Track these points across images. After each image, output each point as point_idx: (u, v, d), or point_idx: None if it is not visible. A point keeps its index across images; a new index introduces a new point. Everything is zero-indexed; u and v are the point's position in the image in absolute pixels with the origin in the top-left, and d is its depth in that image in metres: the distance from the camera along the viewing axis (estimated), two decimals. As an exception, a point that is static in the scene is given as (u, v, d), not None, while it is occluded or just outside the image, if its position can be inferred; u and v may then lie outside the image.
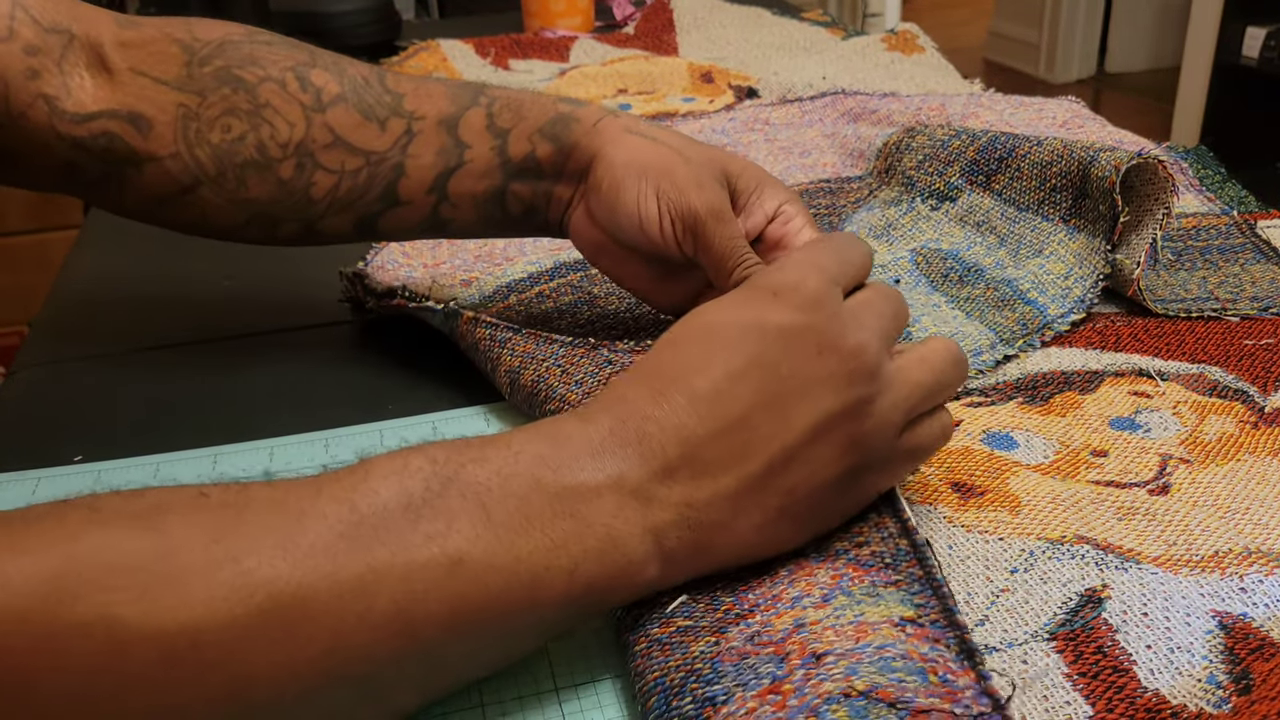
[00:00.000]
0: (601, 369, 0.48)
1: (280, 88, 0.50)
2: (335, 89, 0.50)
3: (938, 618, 0.33)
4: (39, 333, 0.65)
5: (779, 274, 0.37)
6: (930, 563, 0.35)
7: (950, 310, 0.57)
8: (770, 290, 0.36)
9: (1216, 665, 0.34)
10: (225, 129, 0.49)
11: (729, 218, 0.48)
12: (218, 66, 0.50)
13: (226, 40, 0.50)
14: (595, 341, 0.50)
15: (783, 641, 0.32)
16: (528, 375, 0.49)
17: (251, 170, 0.50)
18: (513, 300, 0.61)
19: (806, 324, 0.35)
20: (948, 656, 0.31)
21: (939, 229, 0.65)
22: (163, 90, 0.49)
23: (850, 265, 0.39)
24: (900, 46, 1.14)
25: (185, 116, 0.49)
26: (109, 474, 0.48)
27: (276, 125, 0.50)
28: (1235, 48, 2.75)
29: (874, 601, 0.34)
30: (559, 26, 1.29)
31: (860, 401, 0.35)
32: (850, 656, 0.31)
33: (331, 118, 0.50)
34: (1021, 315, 0.56)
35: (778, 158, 0.82)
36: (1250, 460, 0.45)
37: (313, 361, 0.60)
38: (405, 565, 0.30)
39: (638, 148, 0.49)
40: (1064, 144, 0.61)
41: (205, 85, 0.49)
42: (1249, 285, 0.60)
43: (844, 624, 0.32)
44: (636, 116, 0.52)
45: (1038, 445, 0.47)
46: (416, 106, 0.51)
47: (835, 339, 0.35)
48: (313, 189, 0.51)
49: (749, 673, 0.31)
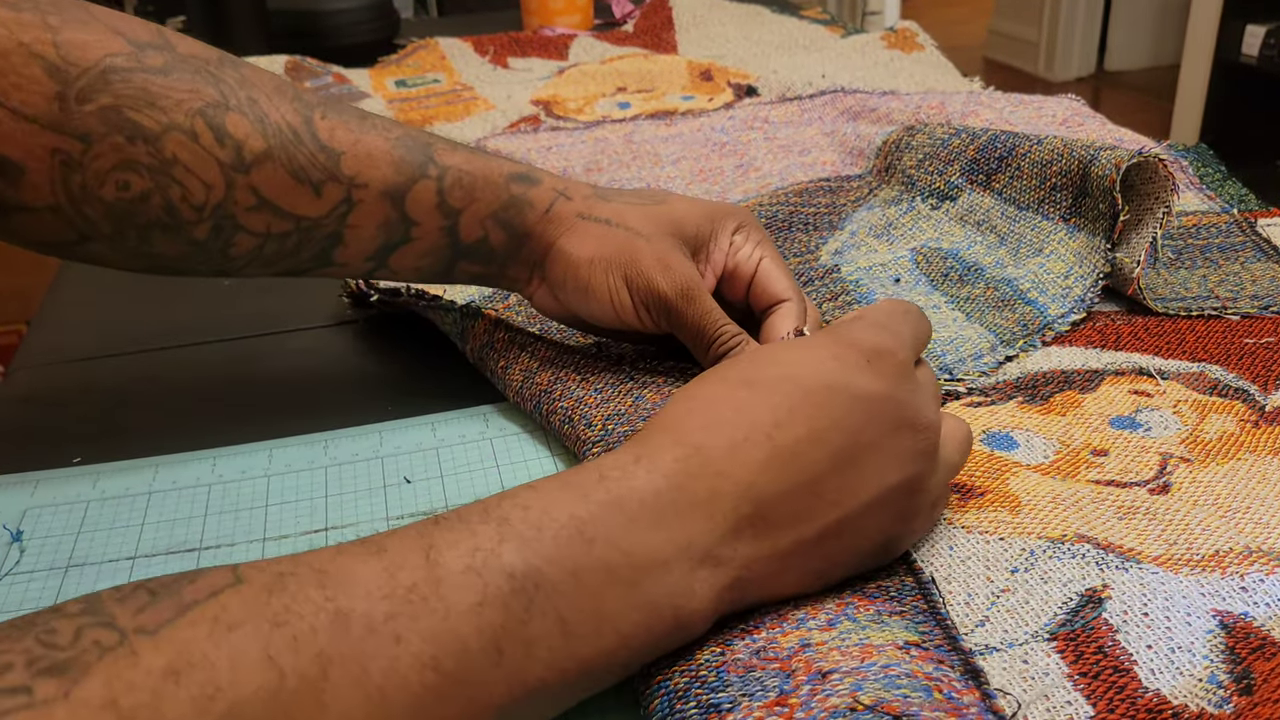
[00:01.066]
0: (622, 383, 0.49)
1: (190, 139, 0.42)
2: (259, 144, 0.43)
3: (942, 643, 0.33)
4: (38, 332, 0.65)
5: (871, 335, 0.36)
6: (935, 599, 0.35)
7: (950, 311, 0.57)
8: (863, 353, 0.35)
9: (1217, 665, 0.34)
10: (121, 186, 0.41)
11: (698, 293, 0.47)
12: (103, 105, 0.40)
13: (109, 68, 0.40)
14: (618, 354, 0.51)
15: (789, 659, 0.32)
16: (545, 375, 0.50)
17: (158, 230, 0.43)
18: (513, 300, 0.61)
19: (892, 396, 0.35)
20: (952, 676, 0.31)
21: (939, 228, 0.65)
22: (30, 129, 0.39)
23: (921, 340, 0.39)
24: (900, 44, 1.13)
25: (65, 165, 0.40)
26: (108, 476, 0.48)
27: (189, 186, 0.42)
28: (1235, 46, 2.74)
29: (879, 627, 0.34)
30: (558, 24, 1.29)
31: (919, 477, 0.35)
32: (856, 674, 0.31)
33: (257, 179, 0.43)
34: (1022, 316, 0.56)
35: (777, 156, 0.82)
36: (1251, 459, 0.45)
37: (312, 363, 0.60)
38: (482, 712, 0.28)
39: (596, 238, 0.48)
40: (1064, 143, 0.61)
41: (89, 129, 0.40)
42: (1249, 284, 0.60)
43: (849, 645, 0.32)
44: (589, 189, 0.50)
45: (1038, 445, 0.46)
46: (357, 171, 0.45)
47: (913, 416, 0.35)
48: (232, 249, 0.45)
49: (755, 684, 0.31)
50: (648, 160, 0.82)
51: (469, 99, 1.05)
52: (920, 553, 0.39)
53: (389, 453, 0.50)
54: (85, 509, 0.46)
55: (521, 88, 1.08)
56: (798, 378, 0.34)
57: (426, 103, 1.05)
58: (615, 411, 0.47)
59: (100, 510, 0.46)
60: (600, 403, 0.47)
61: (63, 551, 0.43)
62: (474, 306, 0.54)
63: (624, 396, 0.48)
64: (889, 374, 0.35)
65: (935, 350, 0.53)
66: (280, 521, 0.45)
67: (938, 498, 0.38)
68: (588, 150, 0.85)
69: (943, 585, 0.37)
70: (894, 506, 0.35)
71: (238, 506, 0.46)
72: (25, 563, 0.43)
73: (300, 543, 0.43)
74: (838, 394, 0.34)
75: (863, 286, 0.60)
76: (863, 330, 0.37)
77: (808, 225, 0.69)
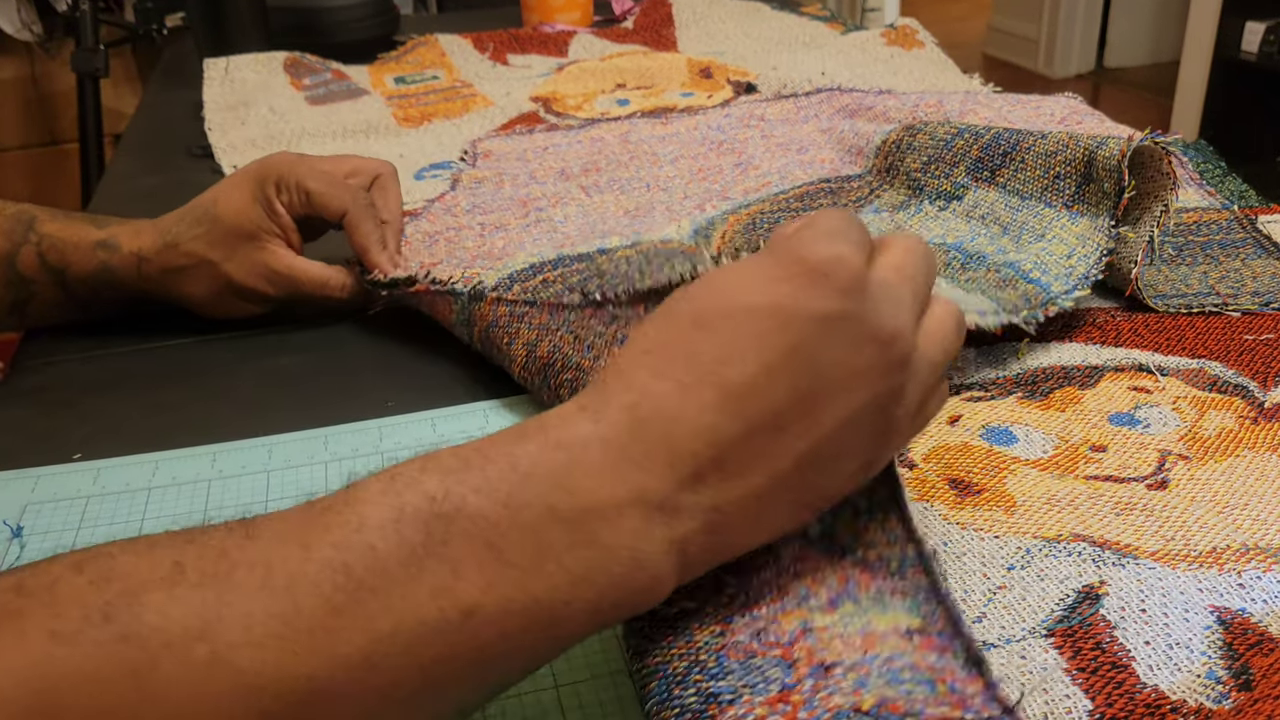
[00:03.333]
0: (608, 326, 0.48)
1: None
2: None
3: (944, 627, 0.33)
4: (38, 329, 0.65)
5: (822, 245, 0.33)
6: (936, 573, 0.35)
7: (951, 291, 0.57)
8: (808, 268, 0.32)
9: (1215, 661, 0.34)
10: None
11: (284, 278, 0.61)
12: None
13: None
14: (602, 298, 0.50)
15: (790, 645, 0.32)
16: (544, 346, 0.50)
17: None
18: (516, 290, 0.61)
19: (847, 312, 0.32)
20: (955, 665, 0.31)
21: (945, 226, 0.65)
22: None
23: (867, 230, 0.36)
24: (900, 41, 1.13)
25: None
26: (108, 472, 0.48)
27: None
28: (1235, 42, 2.74)
29: (880, 610, 0.33)
30: (558, 21, 1.29)
31: (891, 392, 0.33)
32: (858, 669, 0.30)
33: None
34: (1025, 292, 0.55)
35: (775, 154, 0.82)
36: (1249, 456, 0.45)
37: (312, 359, 0.60)
38: (413, 630, 0.27)
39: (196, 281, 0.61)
40: (1070, 135, 0.61)
41: None
42: (1249, 280, 0.60)
43: (851, 633, 0.32)
44: (157, 239, 0.61)
45: (1037, 440, 0.46)
46: None
47: (875, 329, 0.32)
48: None
49: (756, 674, 0.31)
50: (646, 160, 0.82)
51: (468, 95, 1.05)
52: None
53: (389, 448, 0.50)
54: (85, 504, 0.46)
55: (521, 84, 1.08)
56: (744, 307, 0.32)
57: (425, 99, 1.05)
58: None
59: (100, 505, 0.46)
60: (593, 361, 0.47)
61: (63, 547, 0.43)
62: (480, 288, 0.54)
63: (612, 345, 0.47)
64: (843, 287, 0.32)
65: None
66: (280, 517, 0.45)
67: (923, 402, 0.36)
68: (584, 151, 0.85)
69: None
70: (868, 426, 0.33)
71: (238, 502, 0.46)
72: (26, 558, 0.43)
73: (300, 539, 0.44)
74: (788, 319, 0.32)
75: None
76: (812, 241, 0.33)
77: None
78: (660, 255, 0.52)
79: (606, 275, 0.57)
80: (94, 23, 2.00)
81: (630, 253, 0.61)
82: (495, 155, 0.86)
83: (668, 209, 0.73)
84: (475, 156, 0.86)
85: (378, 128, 0.97)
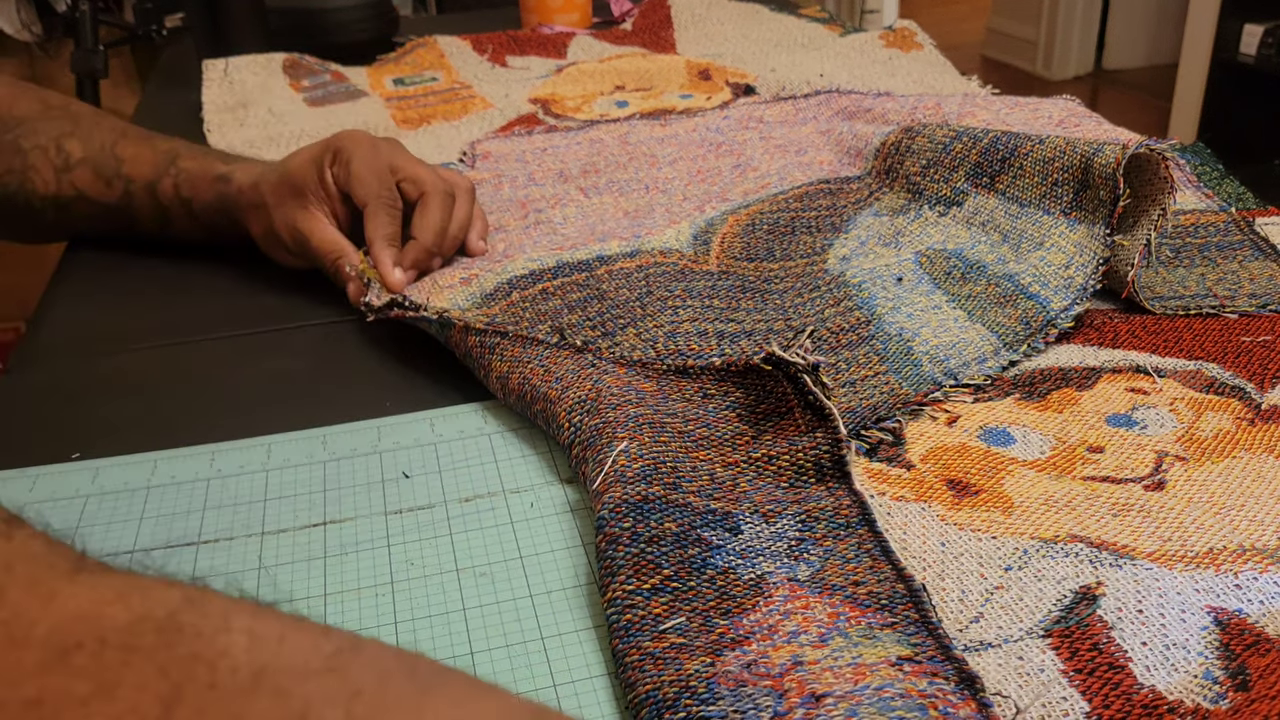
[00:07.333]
0: (583, 369, 0.49)
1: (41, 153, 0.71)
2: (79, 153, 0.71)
3: (935, 653, 0.33)
4: (37, 328, 0.65)
5: None
6: (926, 607, 0.35)
7: (952, 311, 0.57)
8: None
9: (1212, 661, 0.34)
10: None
11: (307, 235, 0.66)
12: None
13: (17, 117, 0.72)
14: (581, 345, 0.52)
15: (780, 676, 0.32)
16: (515, 379, 0.50)
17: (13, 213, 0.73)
18: (515, 297, 0.61)
19: None
20: (947, 689, 0.31)
21: (945, 231, 0.65)
22: None
23: None
24: (898, 43, 1.14)
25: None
26: (106, 471, 0.48)
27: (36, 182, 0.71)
28: (1233, 45, 2.75)
29: (871, 643, 0.33)
30: (557, 23, 1.29)
31: None
32: (849, 699, 0.30)
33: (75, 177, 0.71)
34: (1024, 312, 0.55)
35: (774, 156, 0.82)
36: (1246, 457, 0.45)
37: (311, 359, 0.60)
38: None
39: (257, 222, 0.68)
40: (1067, 141, 0.61)
41: None
42: (1247, 282, 0.60)
43: (842, 665, 0.32)
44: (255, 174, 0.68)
45: (1034, 441, 0.47)
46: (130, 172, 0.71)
47: None
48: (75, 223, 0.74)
49: (747, 702, 0.31)
50: (644, 161, 0.82)
51: (467, 97, 1.05)
52: (912, 548, 0.39)
53: (387, 448, 0.50)
54: (84, 504, 0.46)
55: (520, 86, 1.08)
56: None
57: (424, 101, 1.05)
58: (578, 399, 0.47)
59: (99, 505, 0.46)
60: (561, 393, 0.48)
61: (61, 547, 0.43)
62: (446, 317, 0.54)
63: (583, 382, 0.48)
64: None
65: (939, 354, 0.53)
66: (278, 516, 0.45)
67: None
68: (583, 152, 0.85)
69: (936, 582, 0.37)
70: None
71: (236, 501, 0.46)
72: (24, 558, 0.43)
73: (299, 537, 0.44)
74: None
75: (865, 290, 0.60)
76: None
77: (810, 228, 0.69)
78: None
79: (607, 300, 0.57)
80: (93, 23, 2.00)
81: (631, 265, 0.61)
82: (494, 157, 0.86)
83: (667, 210, 0.73)
84: (474, 158, 0.86)
85: (377, 129, 0.97)
